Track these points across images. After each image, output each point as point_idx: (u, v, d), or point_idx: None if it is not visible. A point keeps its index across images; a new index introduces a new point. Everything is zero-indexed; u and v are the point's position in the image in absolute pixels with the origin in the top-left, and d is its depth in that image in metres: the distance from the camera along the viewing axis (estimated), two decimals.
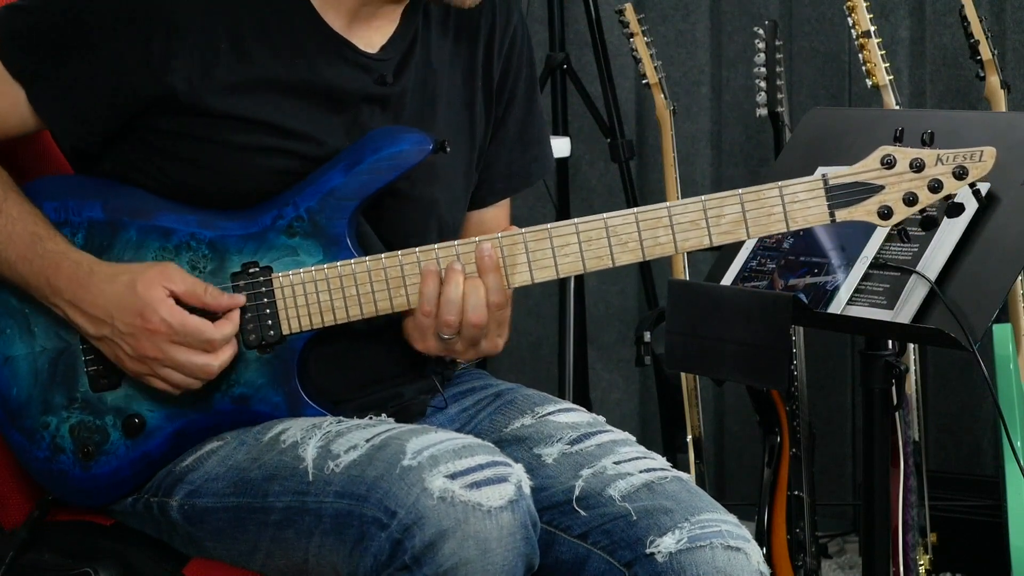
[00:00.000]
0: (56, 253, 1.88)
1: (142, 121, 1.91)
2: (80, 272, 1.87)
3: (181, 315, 1.84)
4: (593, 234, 1.87)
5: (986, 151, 1.83)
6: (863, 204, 1.85)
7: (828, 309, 2.12)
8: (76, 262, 1.88)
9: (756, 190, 1.85)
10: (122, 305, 1.85)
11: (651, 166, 4.04)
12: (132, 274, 1.86)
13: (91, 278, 1.87)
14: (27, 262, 1.88)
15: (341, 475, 1.76)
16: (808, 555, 3.19)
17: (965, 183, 1.84)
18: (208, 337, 1.85)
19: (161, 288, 1.85)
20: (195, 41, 1.87)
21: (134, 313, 1.84)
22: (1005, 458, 2.94)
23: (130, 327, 1.85)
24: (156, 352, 1.85)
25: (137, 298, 1.84)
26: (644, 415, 4.14)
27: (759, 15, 3.89)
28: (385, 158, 1.90)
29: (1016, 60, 3.63)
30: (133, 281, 1.85)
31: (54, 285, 1.87)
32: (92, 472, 1.93)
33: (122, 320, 1.85)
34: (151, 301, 1.84)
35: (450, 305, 1.86)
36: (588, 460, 1.91)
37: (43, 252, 1.88)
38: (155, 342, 1.84)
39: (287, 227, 1.90)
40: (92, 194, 1.94)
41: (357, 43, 1.94)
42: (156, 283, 1.85)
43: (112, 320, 1.85)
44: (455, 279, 1.85)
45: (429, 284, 1.86)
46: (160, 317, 1.84)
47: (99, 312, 1.86)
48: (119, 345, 1.86)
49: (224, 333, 1.86)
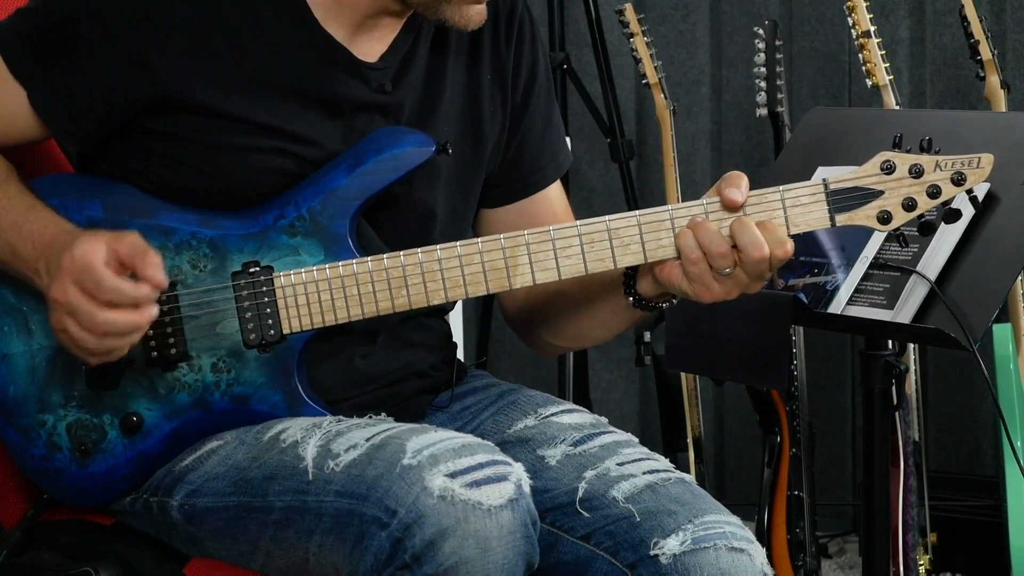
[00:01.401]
0: (48, 218, 1.86)
1: (138, 123, 1.91)
2: (66, 236, 1.81)
3: (91, 255, 1.75)
4: (595, 236, 1.87)
5: (984, 158, 1.84)
6: (863, 209, 1.86)
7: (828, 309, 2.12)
8: (65, 229, 1.84)
9: (758, 194, 1.85)
10: (60, 248, 1.79)
11: (651, 166, 4.04)
12: (91, 232, 1.80)
13: (67, 236, 1.81)
14: (16, 228, 1.86)
15: (341, 474, 1.76)
16: (808, 555, 3.20)
17: (963, 189, 1.85)
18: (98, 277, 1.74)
19: (102, 244, 1.77)
20: (192, 43, 1.88)
21: (61, 253, 1.78)
22: (1005, 458, 2.94)
23: (55, 269, 1.78)
24: (60, 294, 1.77)
25: (73, 242, 1.78)
26: (644, 415, 4.14)
27: (759, 15, 3.90)
28: (388, 159, 1.90)
29: (1016, 60, 3.64)
30: (82, 234, 1.79)
31: (40, 248, 1.83)
32: (89, 471, 1.93)
33: (53, 263, 1.79)
34: (78, 243, 1.77)
35: (711, 236, 1.81)
36: (591, 461, 1.91)
37: (35, 218, 1.86)
38: (63, 283, 1.77)
39: (289, 226, 1.90)
40: (92, 193, 1.94)
41: (357, 52, 1.94)
42: (100, 238, 1.78)
43: (48, 261, 1.80)
44: (707, 225, 1.82)
45: (683, 238, 1.83)
46: (71, 255, 1.77)
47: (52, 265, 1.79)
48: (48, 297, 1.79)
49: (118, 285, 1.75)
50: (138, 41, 1.87)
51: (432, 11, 1.90)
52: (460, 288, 1.88)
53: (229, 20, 1.89)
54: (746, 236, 1.81)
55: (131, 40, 1.87)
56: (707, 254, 1.82)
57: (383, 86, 1.96)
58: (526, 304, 2.11)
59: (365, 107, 1.95)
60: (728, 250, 1.82)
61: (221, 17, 1.89)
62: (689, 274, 1.84)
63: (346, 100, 1.94)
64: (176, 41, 1.87)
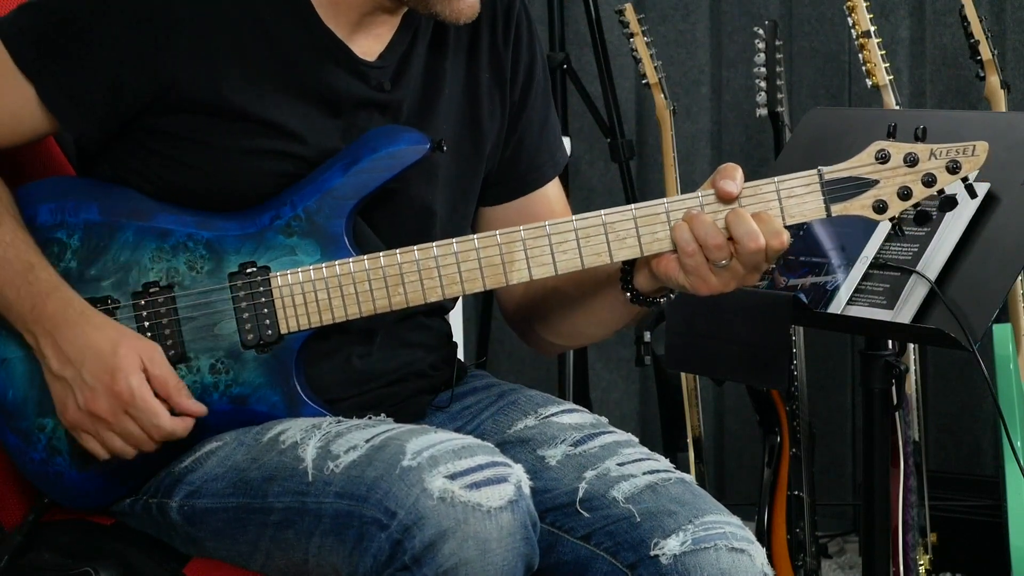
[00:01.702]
0: (49, 283, 1.88)
1: (140, 121, 1.91)
2: (70, 310, 1.87)
3: (148, 391, 1.84)
4: (591, 230, 1.87)
5: (978, 145, 1.84)
6: (858, 198, 1.86)
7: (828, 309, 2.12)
8: (68, 299, 1.87)
9: (752, 185, 1.85)
10: (97, 358, 1.84)
11: (651, 166, 4.04)
12: (120, 334, 1.86)
13: (79, 318, 1.86)
14: (14, 288, 1.87)
15: (341, 475, 1.76)
16: (808, 555, 3.19)
17: (958, 177, 1.85)
18: (160, 424, 1.84)
19: (139, 360, 1.84)
20: (194, 41, 1.88)
21: (105, 369, 1.84)
22: (1005, 458, 2.94)
23: (95, 380, 1.84)
24: (107, 414, 1.84)
25: (115, 357, 1.84)
26: (644, 415, 4.14)
27: (759, 15, 3.90)
28: (383, 157, 1.90)
29: (1016, 60, 3.63)
30: (117, 341, 1.85)
31: (38, 312, 1.86)
32: (88, 473, 1.92)
33: (91, 371, 1.84)
34: (127, 366, 1.84)
35: (706, 228, 1.82)
36: (591, 462, 1.91)
37: (34, 280, 1.87)
38: (112, 404, 1.84)
39: (285, 226, 1.90)
40: (89, 195, 1.93)
41: (357, 50, 1.94)
42: (137, 354, 1.85)
43: (80, 366, 1.85)
44: (703, 218, 1.82)
45: (679, 231, 1.83)
46: (128, 383, 1.83)
47: (72, 352, 1.85)
48: (74, 392, 1.85)
49: (175, 429, 1.86)
50: (141, 39, 1.87)
51: (423, 5, 1.90)
52: (457, 285, 1.88)
53: (231, 18, 1.90)
54: (742, 227, 1.81)
55: (134, 38, 1.87)
56: (703, 246, 1.82)
57: (382, 84, 1.96)
58: (524, 302, 2.11)
59: (364, 105, 1.95)
60: (724, 242, 1.82)
61: (223, 15, 1.89)
62: (686, 267, 1.84)
63: (346, 98, 1.93)
64: (178, 39, 1.87)
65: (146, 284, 1.91)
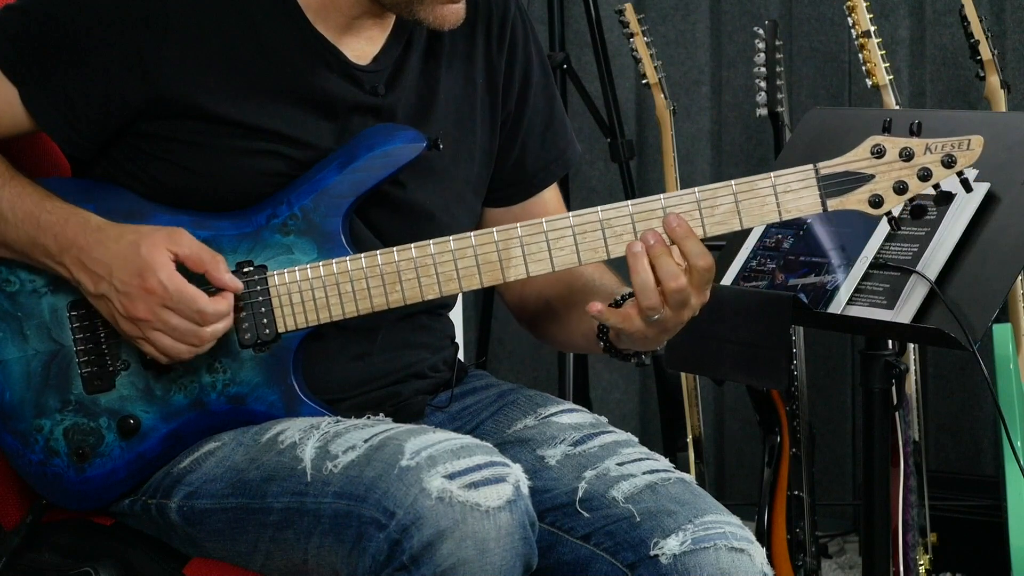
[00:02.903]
0: (63, 211, 1.88)
1: (135, 127, 1.91)
2: (88, 228, 1.87)
3: (179, 281, 1.83)
4: (588, 227, 1.87)
5: (973, 139, 1.84)
6: (854, 193, 1.86)
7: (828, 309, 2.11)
8: (85, 219, 1.88)
9: (749, 180, 1.85)
10: (123, 263, 1.84)
11: (651, 166, 4.04)
12: (139, 234, 1.85)
13: (99, 234, 1.86)
14: (34, 219, 1.88)
15: (339, 475, 1.76)
16: (808, 555, 3.19)
17: (953, 171, 1.85)
18: (200, 307, 1.83)
19: (165, 251, 1.84)
20: (187, 47, 1.87)
21: (133, 272, 1.83)
22: (1005, 458, 2.94)
23: (127, 285, 1.84)
24: (147, 314, 1.83)
25: (139, 258, 1.83)
26: (644, 415, 4.14)
27: (759, 15, 3.90)
28: (379, 155, 1.90)
29: (1016, 60, 3.63)
30: (137, 241, 1.84)
31: (61, 241, 1.87)
32: (87, 475, 1.92)
33: (120, 278, 1.84)
34: (152, 263, 1.83)
35: (646, 292, 1.82)
36: (591, 461, 1.91)
37: (52, 208, 1.88)
38: (149, 303, 1.83)
39: (281, 225, 1.90)
40: (86, 196, 1.93)
41: (348, 53, 1.94)
42: (161, 246, 1.84)
43: (111, 277, 1.84)
44: (641, 264, 1.82)
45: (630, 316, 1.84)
46: (158, 279, 1.83)
47: (100, 268, 1.85)
48: (114, 304, 1.85)
49: (217, 308, 1.84)
50: (134, 45, 1.87)
51: (406, 11, 1.90)
52: (454, 283, 1.88)
53: (224, 23, 1.89)
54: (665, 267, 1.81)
55: (127, 44, 1.87)
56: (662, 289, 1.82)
57: (376, 88, 1.95)
58: (525, 306, 2.11)
59: (358, 109, 1.94)
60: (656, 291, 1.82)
61: (216, 20, 1.89)
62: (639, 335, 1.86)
63: (340, 102, 1.93)
64: (172, 45, 1.87)
65: None
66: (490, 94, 2.05)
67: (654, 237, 1.81)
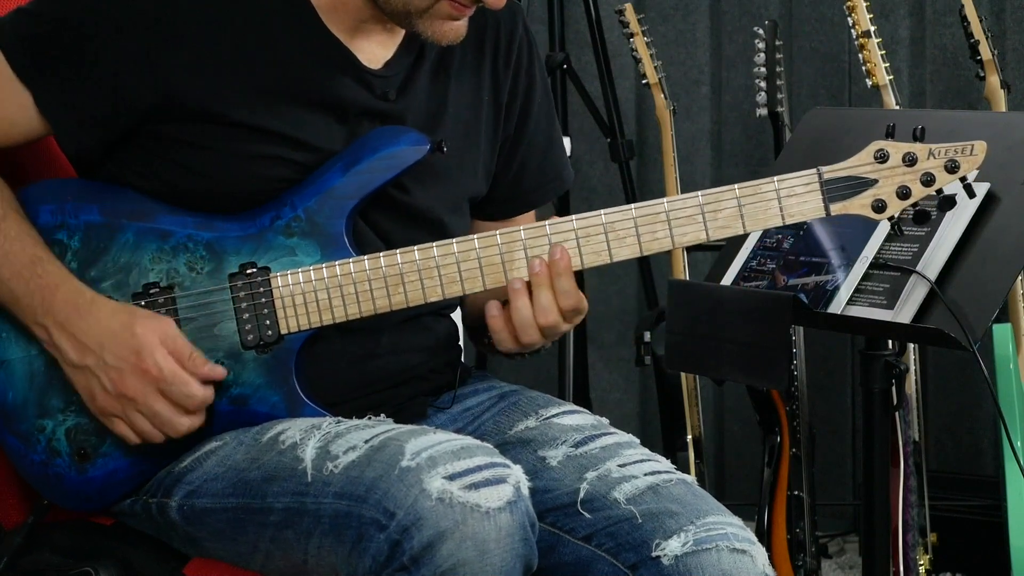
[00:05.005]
0: (56, 275, 1.89)
1: (143, 127, 1.91)
2: (81, 299, 1.88)
3: (174, 364, 1.85)
4: (591, 231, 1.88)
5: (977, 145, 1.85)
6: (857, 198, 1.87)
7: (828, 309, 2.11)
8: (78, 289, 1.88)
9: (752, 184, 1.86)
10: (118, 340, 1.85)
11: (651, 166, 4.04)
12: (132, 315, 1.87)
13: (91, 307, 1.87)
14: (23, 280, 1.88)
15: (340, 476, 1.76)
16: (808, 555, 3.19)
17: (957, 176, 1.86)
18: (191, 393, 1.86)
19: (157, 336, 1.86)
20: (199, 49, 1.87)
21: (129, 350, 1.85)
22: (1005, 458, 2.94)
23: (120, 362, 1.85)
24: (137, 393, 1.85)
25: (134, 337, 1.85)
26: (644, 415, 4.14)
27: (759, 15, 3.90)
28: (383, 157, 1.90)
29: (1016, 60, 3.63)
30: (132, 323, 1.86)
31: (48, 305, 1.87)
32: (88, 475, 1.93)
33: (113, 353, 1.85)
34: (148, 344, 1.85)
35: (525, 327, 1.89)
36: (593, 463, 1.91)
37: (43, 272, 1.88)
38: (142, 383, 1.85)
39: (285, 227, 1.90)
40: (89, 197, 1.94)
41: (360, 56, 1.95)
42: (154, 331, 1.86)
43: (101, 351, 1.85)
44: (521, 302, 1.87)
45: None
46: (155, 360, 1.84)
47: (90, 341, 1.86)
48: (98, 378, 1.86)
49: (206, 395, 1.87)
50: (145, 46, 1.87)
51: (406, 23, 1.91)
52: (457, 285, 1.89)
53: (236, 24, 1.89)
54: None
55: (136, 46, 1.87)
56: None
57: (387, 94, 1.96)
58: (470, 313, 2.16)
59: (368, 114, 1.95)
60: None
61: (227, 20, 1.89)
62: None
63: (350, 105, 1.93)
64: (180, 49, 1.87)
65: (146, 285, 1.91)
66: (494, 110, 2.06)
67: (540, 266, 1.86)
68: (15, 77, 1.89)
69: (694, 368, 2.80)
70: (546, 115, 2.13)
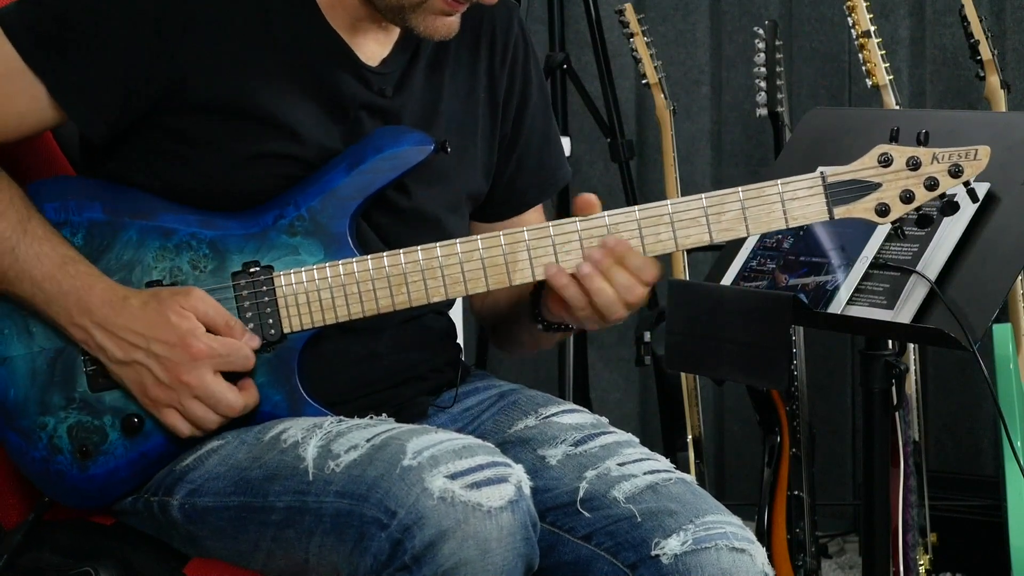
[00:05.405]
0: (89, 275, 1.88)
1: (149, 120, 1.91)
2: (115, 296, 1.87)
3: (220, 338, 1.86)
4: (595, 232, 1.88)
5: (981, 150, 1.85)
6: (861, 201, 1.87)
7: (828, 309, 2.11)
8: (111, 287, 1.88)
9: (756, 187, 1.86)
10: (159, 330, 1.85)
11: (651, 166, 4.05)
12: (160, 302, 1.86)
13: (125, 303, 1.87)
14: (55, 281, 1.88)
15: (341, 475, 1.76)
16: (808, 555, 3.19)
17: (960, 181, 1.87)
18: (248, 354, 1.86)
19: (193, 315, 1.86)
20: (205, 35, 1.88)
21: (176, 339, 1.85)
22: (1005, 458, 2.94)
23: (169, 350, 1.85)
24: (192, 378, 1.85)
25: (173, 325, 1.85)
26: (644, 415, 4.14)
27: (759, 15, 3.90)
28: (387, 157, 1.90)
29: (1016, 60, 3.64)
30: (164, 311, 1.85)
31: (84, 305, 1.87)
32: (90, 472, 1.92)
33: (160, 342, 1.85)
34: (189, 328, 1.85)
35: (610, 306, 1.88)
36: (592, 462, 1.92)
37: (75, 273, 1.88)
38: (197, 368, 1.85)
39: (288, 226, 1.91)
40: (92, 195, 1.94)
41: (360, 52, 1.95)
42: (188, 310, 1.86)
43: (148, 344, 1.85)
44: (599, 284, 1.87)
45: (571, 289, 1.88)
46: (202, 342, 1.85)
47: (133, 336, 1.86)
48: (150, 370, 1.86)
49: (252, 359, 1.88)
50: (154, 29, 1.87)
51: (399, 18, 1.91)
52: (460, 285, 1.89)
53: (242, 15, 1.90)
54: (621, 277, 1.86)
55: (148, 29, 1.87)
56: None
57: (384, 90, 1.96)
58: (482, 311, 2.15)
59: (366, 109, 1.95)
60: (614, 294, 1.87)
61: (235, 10, 1.90)
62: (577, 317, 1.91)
63: (349, 100, 1.94)
64: (189, 36, 1.87)
65: (149, 283, 1.91)
66: (490, 108, 2.07)
67: (600, 253, 1.86)
68: (26, 68, 1.89)
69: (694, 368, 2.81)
70: (542, 112, 2.13)
